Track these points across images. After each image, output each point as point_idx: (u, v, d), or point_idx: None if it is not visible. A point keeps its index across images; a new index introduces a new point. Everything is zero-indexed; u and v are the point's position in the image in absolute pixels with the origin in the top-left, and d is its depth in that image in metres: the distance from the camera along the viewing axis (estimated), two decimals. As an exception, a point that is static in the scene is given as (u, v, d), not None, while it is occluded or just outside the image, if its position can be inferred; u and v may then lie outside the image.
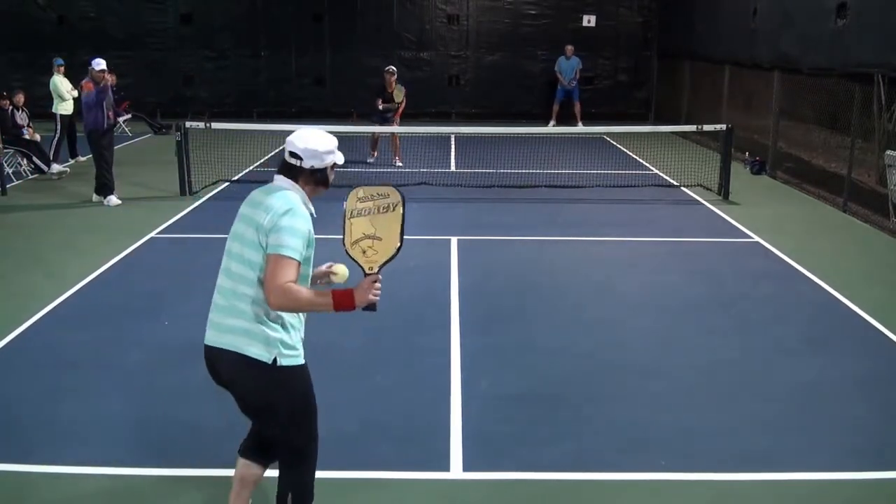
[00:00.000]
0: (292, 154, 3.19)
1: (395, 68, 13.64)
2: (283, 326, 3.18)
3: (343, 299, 3.07)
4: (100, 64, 10.32)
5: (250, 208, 3.19)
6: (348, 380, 5.31)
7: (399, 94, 13.48)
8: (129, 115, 17.18)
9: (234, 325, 3.14)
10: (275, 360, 3.14)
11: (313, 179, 3.24)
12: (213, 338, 3.21)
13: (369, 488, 4.11)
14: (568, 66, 18.46)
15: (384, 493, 4.07)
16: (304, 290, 3.07)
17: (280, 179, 3.22)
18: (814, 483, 4.17)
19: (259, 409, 3.31)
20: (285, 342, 3.18)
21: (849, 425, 4.75)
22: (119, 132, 16.85)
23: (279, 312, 3.12)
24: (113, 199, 10.42)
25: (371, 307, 3.14)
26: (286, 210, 3.09)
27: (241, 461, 3.53)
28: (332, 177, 3.31)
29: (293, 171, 3.21)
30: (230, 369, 3.19)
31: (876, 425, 4.76)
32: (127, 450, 4.39)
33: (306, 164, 3.19)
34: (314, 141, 3.19)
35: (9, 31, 19.27)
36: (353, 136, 14.08)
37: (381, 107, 13.36)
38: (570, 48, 18.50)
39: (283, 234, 3.06)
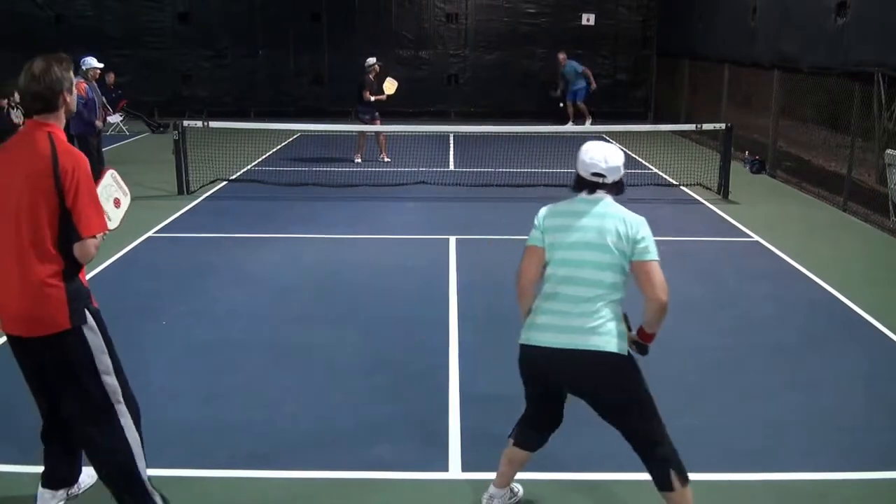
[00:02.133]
0: (597, 174, 3.37)
1: (377, 59, 13.53)
2: (621, 321, 3.36)
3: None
4: (86, 63, 10.28)
5: (596, 219, 3.34)
6: (346, 379, 5.28)
7: (391, 87, 13.29)
8: (122, 117, 17.13)
9: (594, 326, 3.28)
10: (628, 352, 3.34)
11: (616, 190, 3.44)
12: (566, 340, 3.30)
13: (367, 489, 4.08)
14: (571, 71, 18.08)
15: (382, 494, 4.04)
16: None
17: (601, 194, 3.40)
18: (814, 483, 4.15)
19: (621, 404, 3.41)
20: (624, 334, 3.35)
21: (848, 425, 4.72)
22: (116, 131, 16.84)
23: (618, 310, 3.34)
24: None
25: None
26: (641, 220, 3.35)
27: (520, 451, 3.69)
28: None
29: (609, 188, 3.41)
30: (594, 369, 3.32)
31: (876, 425, 4.74)
32: (123, 450, 4.35)
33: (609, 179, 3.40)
34: (613, 158, 3.38)
35: (6, 29, 19.24)
36: (340, 134, 14.08)
37: (372, 98, 13.20)
38: (561, 56, 18.12)
39: (650, 241, 3.31)
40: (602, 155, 3.36)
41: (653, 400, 3.41)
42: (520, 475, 4.17)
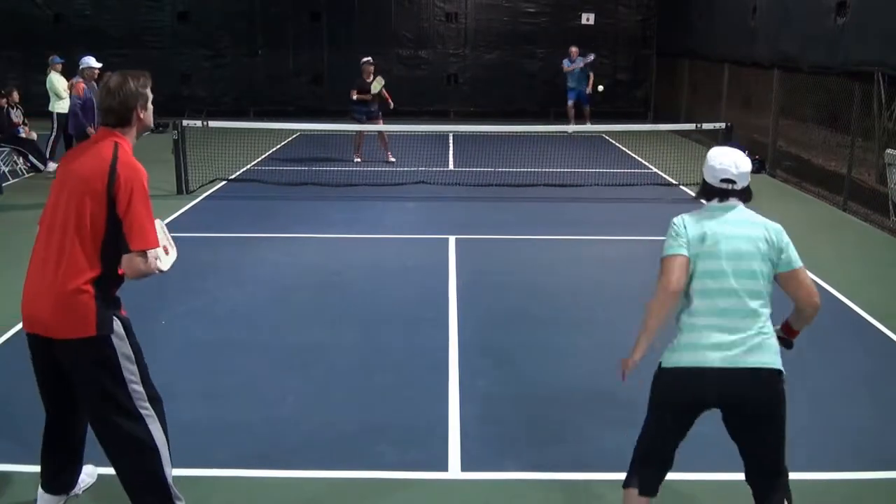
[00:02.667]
0: (727, 180, 3.29)
1: (371, 59, 13.38)
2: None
3: None
4: (84, 62, 10.27)
5: (742, 228, 3.24)
6: (346, 379, 5.28)
7: (377, 85, 13.17)
8: None
9: (762, 342, 3.16)
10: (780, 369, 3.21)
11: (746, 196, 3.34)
12: (739, 359, 3.12)
13: (367, 488, 4.08)
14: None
15: (381, 494, 4.04)
16: None
17: (734, 201, 3.30)
18: (813, 483, 4.14)
19: (776, 425, 3.29)
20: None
21: (848, 425, 4.72)
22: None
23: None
24: None
25: None
26: (780, 227, 3.27)
27: (645, 499, 3.39)
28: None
29: (740, 194, 3.32)
30: (766, 387, 3.19)
31: (875, 425, 4.73)
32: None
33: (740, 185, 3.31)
34: (743, 163, 3.30)
35: (5, 28, 19.23)
36: (339, 134, 14.05)
37: (354, 97, 13.13)
38: (574, 50, 17.15)
39: (793, 247, 3.24)
40: (731, 160, 3.26)
41: None
42: (518, 476, 4.17)
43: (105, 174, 3.27)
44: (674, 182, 11.91)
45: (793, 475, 4.17)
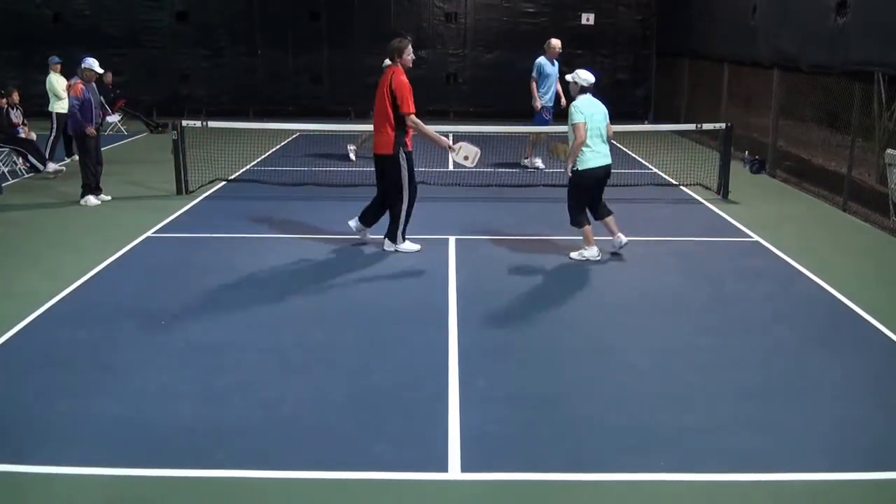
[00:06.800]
0: (591, 84, 7.73)
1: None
2: None
3: None
4: (86, 63, 10.27)
5: (596, 104, 7.70)
6: (345, 379, 5.28)
7: None
8: (120, 116, 17.11)
9: (609, 152, 7.77)
10: None
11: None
12: (608, 161, 7.72)
13: (366, 489, 4.07)
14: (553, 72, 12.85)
15: (381, 494, 4.04)
16: None
17: (590, 95, 7.73)
18: (813, 483, 4.14)
19: (605, 182, 7.92)
20: None
21: (848, 425, 4.72)
22: (115, 131, 16.82)
23: None
24: (91, 200, 10.36)
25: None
26: (605, 107, 7.84)
27: (590, 227, 7.88)
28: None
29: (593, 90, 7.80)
30: (609, 171, 7.82)
31: (875, 425, 4.73)
32: (122, 451, 4.35)
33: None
34: (592, 76, 7.82)
35: (3, 28, 19.21)
36: (339, 134, 14.04)
37: None
38: (555, 43, 12.96)
39: (607, 113, 7.80)
40: (590, 75, 7.72)
41: None
42: (518, 476, 4.18)
43: (389, 85, 7.69)
44: (674, 182, 11.90)
45: (791, 475, 4.21)
